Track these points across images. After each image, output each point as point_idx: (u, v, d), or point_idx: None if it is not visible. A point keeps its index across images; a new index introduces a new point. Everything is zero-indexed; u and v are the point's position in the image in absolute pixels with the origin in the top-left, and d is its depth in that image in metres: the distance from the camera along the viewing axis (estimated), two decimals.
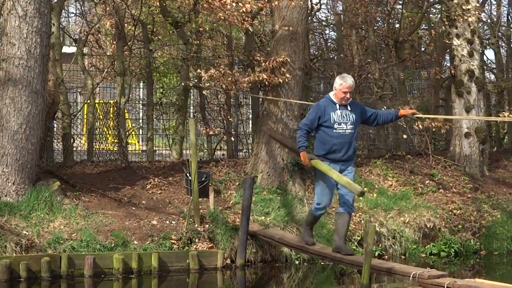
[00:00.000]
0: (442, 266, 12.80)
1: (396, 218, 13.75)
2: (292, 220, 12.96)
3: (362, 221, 13.18)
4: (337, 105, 9.84)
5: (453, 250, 13.66)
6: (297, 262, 12.52)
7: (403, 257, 13.18)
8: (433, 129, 16.11)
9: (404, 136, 16.78)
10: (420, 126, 15.11)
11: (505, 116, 14.95)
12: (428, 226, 13.85)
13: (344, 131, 9.80)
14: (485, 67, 21.45)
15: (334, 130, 9.77)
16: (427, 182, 15.33)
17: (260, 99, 15.87)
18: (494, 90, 21.95)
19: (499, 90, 21.53)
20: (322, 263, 12.56)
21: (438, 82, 19.10)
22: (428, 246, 13.72)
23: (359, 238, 12.86)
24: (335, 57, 20.28)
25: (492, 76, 23.89)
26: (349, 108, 9.91)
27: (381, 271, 10.40)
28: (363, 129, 18.85)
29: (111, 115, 15.80)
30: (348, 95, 9.84)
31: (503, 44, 22.57)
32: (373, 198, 14.23)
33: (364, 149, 18.07)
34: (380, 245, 13.22)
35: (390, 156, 16.43)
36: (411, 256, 13.30)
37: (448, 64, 19.29)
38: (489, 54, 34.07)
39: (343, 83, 9.82)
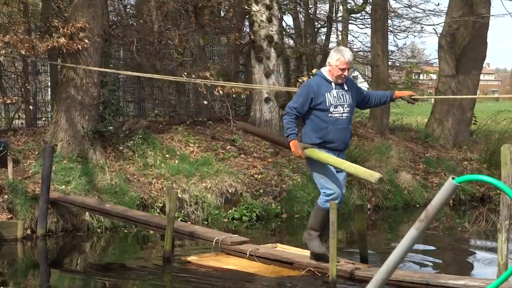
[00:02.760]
0: (245, 230, 13.37)
1: (198, 184, 14.23)
2: (93, 188, 13.22)
3: (164, 188, 13.52)
4: (333, 84, 8.71)
5: (255, 214, 14.27)
6: (99, 231, 12.76)
7: (205, 222, 13.63)
8: (234, 95, 16.87)
9: (205, 102, 17.32)
10: (221, 92, 15.77)
11: (303, 81, 15.95)
12: (230, 191, 14.42)
13: (341, 115, 8.72)
14: (284, 32, 22.39)
15: (329, 115, 8.67)
16: (228, 147, 16.00)
17: (59, 66, 15.93)
18: (293, 55, 23.16)
19: (298, 55, 22.75)
20: (125, 230, 12.96)
21: (237, 48, 19.82)
22: (230, 211, 14.27)
23: (161, 205, 13.29)
24: (135, 23, 20.54)
25: (291, 42, 25.08)
26: (345, 88, 8.81)
27: (184, 234, 10.87)
28: (164, 95, 19.36)
29: None
30: (346, 72, 8.76)
31: (301, 10, 23.61)
32: (174, 164, 14.68)
33: (165, 115, 18.48)
34: (183, 211, 13.65)
35: (192, 122, 16.90)
36: (214, 221, 13.77)
37: (248, 30, 20.00)
38: (288, 19, 35.63)
39: (340, 57, 8.67)
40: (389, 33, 22.73)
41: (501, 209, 8.32)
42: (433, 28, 24.58)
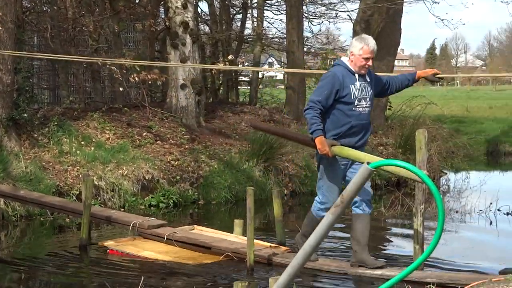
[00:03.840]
0: (162, 217, 13.32)
1: (115, 171, 14.16)
2: (7, 176, 12.96)
3: (80, 175, 13.37)
4: (356, 76, 8.14)
5: (172, 201, 14.28)
6: (14, 219, 12.57)
7: (122, 209, 13.49)
8: (149, 82, 16.79)
9: (121, 89, 17.20)
10: (136, 79, 15.67)
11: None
12: (147, 178, 14.38)
13: (363, 109, 8.16)
14: (199, 18, 22.39)
15: (353, 108, 8.09)
16: (144, 134, 15.94)
17: None
18: (209, 41, 23.14)
19: (213, 41, 22.75)
20: (41, 218, 12.80)
21: (153, 34, 19.74)
22: (147, 197, 14.24)
23: (77, 192, 13.17)
24: (48, 9, 20.21)
25: (207, 28, 25.05)
26: (367, 79, 8.27)
27: (101, 219, 10.85)
28: (79, 82, 19.13)
29: None
30: (370, 62, 8.15)
31: None
32: (90, 151, 14.57)
33: (80, 102, 18.28)
34: (99, 198, 13.57)
35: (107, 109, 16.73)
36: (131, 208, 13.69)
37: (163, 16, 19.92)
38: (203, 6, 35.61)
39: (364, 46, 8.09)
40: (304, 19, 22.94)
41: (416, 193, 8.50)
42: (348, 14, 24.84)
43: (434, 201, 7.14)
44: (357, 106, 8.07)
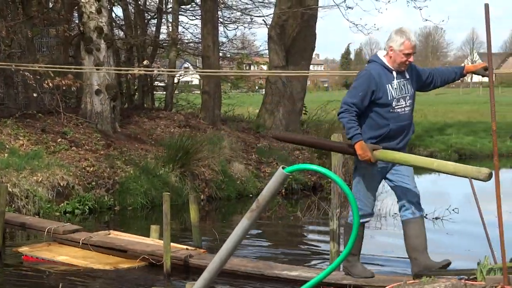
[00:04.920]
0: (78, 224, 13.24)
1: (29, 178, 13.93)
2: None
3: None
4: (394, 73, 7.38)
5: (87, 208, 14.12)
6: None
7: (37, 216, 13.21)
8: (64, 87, 16.59)
9: (34, 95, 16.96)
10: (51, 85, 15.47)
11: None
12: (62, 184, 14.18)
13: (403, 109, 7.43)
14: (113, 23, 22.23)
15: (391, 110, 7.34)
16: (59, 140, 15.76)
17: None
18: (124, 46, 22.99)
19: (128, 46, 22.60)
20: None
21: (67, 40, 19.50)
22: (62, 204, 14.04)
23: None
24: None
25: (121, 33, 24.87)
26: (406, 76, 7.49)
27: (15, 225, 10.65)
28: None
29: None
30: (411, 59, 7.42)
31: (131, 1, 23.50)
32: (4, 158, 14.33)
33: None
34: (13, 205, 13.30)
35: (21, 115, 16.50)
36: (46, 215, 13.42)
37: (77, 21, 19.71)
38: (118, 11, 35.32)
39: (405, 40, 7.32)
40: (219, 24, 22.98)
41: (332, 197, 8.63)
42: (263, 20, 24.99)
43: (350, 205, 7.28)
44: (396, 107, 7.34)
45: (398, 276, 7.87)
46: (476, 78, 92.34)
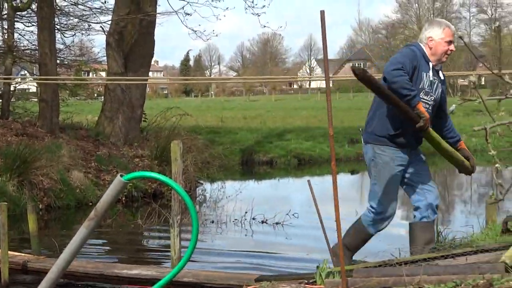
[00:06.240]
0: None
1: None
2: None
3: None
4: (430, 64, 6.88)
5: None
6: None
7: None
8: None
9: None
10: None
11: None
12: None
13: (428, 105, 6.85)
14: None
15: (420, 97, 6.75)
16: None
17: None
18: None
19: None
20: None
21: None
22: None
23: None
24: None
25: None
26: (441, 77, 7.06)
27: None
28: None
29: None
30: (453, 47, 6.98)
31: None
32: None
33: None
34: None
35: None
36: None
37: None
38: None
39: (445, 28, 6.93)
40: (56, 31, 22.52)
41: (172, 204, 8.64)
42: (101, 26, 24.66)
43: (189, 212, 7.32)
44: (422, 99, 6.73)
45: (244, 274, 7.95)
46: (314, 84, 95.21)
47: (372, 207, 7.05)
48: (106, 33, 21.46)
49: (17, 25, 24.00)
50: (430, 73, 6.84)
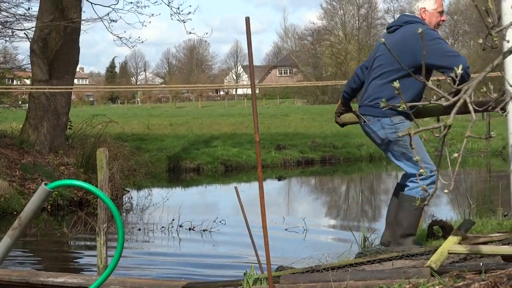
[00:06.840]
0: None
1: None
2: None
3: None
4: None
5: None
6: None
7: None
8: None
9: None
10: None
11: None
12: None
13: None
14: None
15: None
16: None
17: None
18: None
19: None
20: None
21: None
22: None
23: None
24: None
25: None
26: None
27: None
28: None
29: None
30: (444, 17, 6.96)
31: None
32: None
33: None
34: None
35: None
36: None
37: None
38: None
39: None
40: None
41: (98, 212, 8.57)
42: (25, 33, 24.30)
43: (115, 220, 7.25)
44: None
45: (172, 281, 7.91)
46: (241, 91, 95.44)
47: (420, 174, 6.42)
48: (30, 40, 21.17)
49: None
50: None
